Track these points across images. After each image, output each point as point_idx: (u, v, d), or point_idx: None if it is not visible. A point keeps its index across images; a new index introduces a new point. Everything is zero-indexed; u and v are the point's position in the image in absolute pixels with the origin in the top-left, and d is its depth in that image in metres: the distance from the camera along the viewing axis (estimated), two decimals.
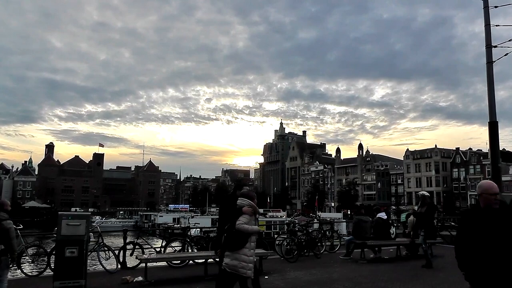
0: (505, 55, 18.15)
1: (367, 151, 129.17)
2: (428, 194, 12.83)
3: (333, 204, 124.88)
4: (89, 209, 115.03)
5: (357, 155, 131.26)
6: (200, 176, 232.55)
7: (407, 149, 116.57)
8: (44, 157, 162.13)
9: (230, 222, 7.03)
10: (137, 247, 12.81)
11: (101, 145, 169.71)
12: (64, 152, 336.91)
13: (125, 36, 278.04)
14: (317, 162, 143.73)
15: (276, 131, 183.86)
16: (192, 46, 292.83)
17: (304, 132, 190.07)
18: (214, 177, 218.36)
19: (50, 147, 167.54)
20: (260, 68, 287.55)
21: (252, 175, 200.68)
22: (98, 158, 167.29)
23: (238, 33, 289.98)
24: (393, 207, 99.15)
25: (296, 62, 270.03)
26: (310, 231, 16.03)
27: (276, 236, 18.37)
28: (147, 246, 13.98)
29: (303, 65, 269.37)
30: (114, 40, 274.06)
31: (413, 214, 13.46)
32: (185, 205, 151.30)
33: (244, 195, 7.25)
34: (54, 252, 9.57)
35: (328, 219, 52.48)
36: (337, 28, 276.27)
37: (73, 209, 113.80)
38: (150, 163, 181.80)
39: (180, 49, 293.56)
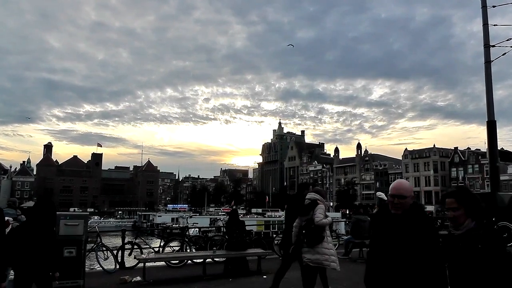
0: (503, 54, 18.18)
1: (366, 151, 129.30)
2: (383, 196, 11.75)
3: (331, 204, 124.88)
4: (88, 209, 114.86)
5: (356, 155, 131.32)
6: (198, 176, 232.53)
7: (406, 149, 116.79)
8: (42, 157, 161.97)
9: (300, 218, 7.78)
10: (135, 247, 12.81)
11: (99, 145, 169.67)
12: (62, 152, 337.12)
13: (123, 36, 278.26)
14: (316, 161, 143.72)
15: (274, 130, 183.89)
16: (190, 46, 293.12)
17: (303, 131, 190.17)
18: (213, 177, 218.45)
19: (48, 147, 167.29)
20: (258, 68, 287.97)
21: (250, 175, 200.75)
22: (97, 158, 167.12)
23: (236, 33, 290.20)
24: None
25: (295, 62, 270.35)
26: None
27: (274, 235, 18.38)
28: (145, 246, 13.99)
29: (302, 64, 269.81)
30: (112, 40, 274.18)
31: (369, 216, 13.09)
32: (184, 205, 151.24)
33: (317, 191, 7.86)
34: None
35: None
36: (335, 28, 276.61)
37: (71, 209, 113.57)
38: (149, 163, 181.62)
39: (178, 49, 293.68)
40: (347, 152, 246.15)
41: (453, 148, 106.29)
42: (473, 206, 3.26)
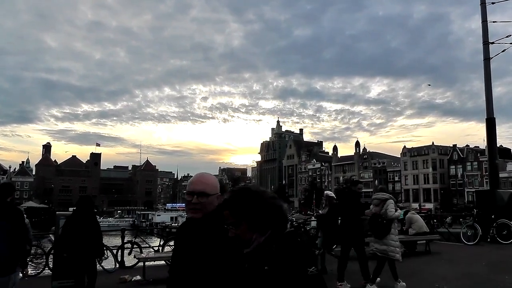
0: (502, 51, 18.23)
1: (364, 149, 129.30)
2: (333, 194, 11.38)
3: None
4: None
5: (354, 153, 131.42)
6: None
7: (404, 146, 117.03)
8: (41, 157, 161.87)
9: (359, 214, 8.93)
10: (135, 246, 12.81)
11: (98, 145, 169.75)
12: (61, 152, 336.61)
13: (120, 35, 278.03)
14: (314, 160, 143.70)
15: (273, 129, 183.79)
16: (187, 45, 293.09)
17: (301, 130, 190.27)
18: None
19: (47, 147, 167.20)
20: (255, 67, 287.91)
21: (249, 174, 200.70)
22: (95, 157, 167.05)
23: (233, 32, 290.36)
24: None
25: (292, 60, 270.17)
26: (308, 229, 16.03)
27: None
28: (145, 245, 13.99)
29: (299, 63, 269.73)
30: (109, 40, 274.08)
31: (315, 217, 12.82)
32: (183, 204, 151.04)
33: (383, 190, 8.91)
34: (52, 252, 9.57)
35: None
36: (332, 26, 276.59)
37: (70, 209, 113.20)
38: (147, 162, 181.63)
39: (175, 48, 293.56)
40: (346, 150, 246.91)
41: (452, 146, 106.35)
42: (256, 216, 2.24)
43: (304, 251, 2.28)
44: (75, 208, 7.59)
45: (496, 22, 18.98)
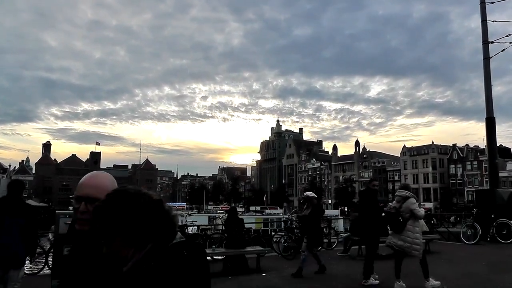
0: (502, 50, 18.23)
1: (364, 148, 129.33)
2: (314, 194, 11.23)
3: (330, 201, 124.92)
4: None
5: (354, 152, 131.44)
6: (197, 174, 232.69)
7: (404, 146, 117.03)
8: (41, 156, 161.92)
9: (377, 211, 9.34)
10: None
11: (98, 144, 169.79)
12: (60, 151, 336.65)
13: (120, 34, 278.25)
14: (314, 159, 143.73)
15: (272, 128, 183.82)
16: (187, 44, 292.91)
17: (301, 129, 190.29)
18: (211, 175, 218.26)
19: (47, 146, 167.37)
20: (255, 66, 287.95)
21: (249, 173, 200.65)
22: (95, 156, 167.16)
23: (233, 31, 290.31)
24: (390, 204, 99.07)
25: (292, 59, 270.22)
26: None
27: (273, 233, 18.39)
28: None
29: (299, 62, 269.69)
30: (109, 39, 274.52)
31: (297, 218, 12.66)
32: (182, 203, 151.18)
33: (405, 187, 9.00)
34: (51, 251, 9.56)
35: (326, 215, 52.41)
36: (332, 25, 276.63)
37: (70, 207, 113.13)
38: (147, 161, 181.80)
39: (175, 47, 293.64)
40: (345, 149, 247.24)
41: (452, 145, 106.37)
42: (131, 227, 1.75)
43: (191, 267, 1.77)
44: None
45: (495, 21, 18.99)
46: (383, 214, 9.48)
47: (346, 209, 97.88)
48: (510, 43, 17.77)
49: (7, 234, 5.64)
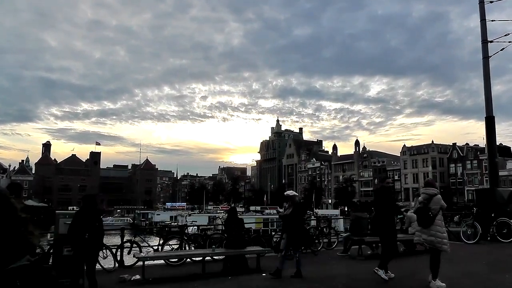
0: (501, 49, 18.22)
1: (364, 148, 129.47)
2: (295, 193, 11.00)
3: (330, 201, 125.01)
4: None
5: (354, 152, 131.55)
6: (197, 174, 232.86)
7: (404, 145, 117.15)
8: (41, 156, 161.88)
9: (393, 208, 9.65)
10: (134, 245, 12.79)
11: (98, 144, 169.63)
12: (60, 151, 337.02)
13: (120, 34, 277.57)
14: (314, 159, 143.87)
15: (272, 128, 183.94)
16: (187, 44, 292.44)
17: (301, 129, 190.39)
18: (211, 175, 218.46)
19: (47, 146, 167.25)
20: (255, 66, 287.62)
21: (249, 173, 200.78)
22: (95, 156, 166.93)
23: (233, 31, 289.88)
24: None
25: (291, 59, 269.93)
26: (308, 228, 16.04)
27: (273, 233, 18.38)
28: (144, 245, 13.98)
29: (298, 62, 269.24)
30: (109, 38, 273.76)
31: (279, 217, 12.38)
32: (182, 203, 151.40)
33: (429, 184, 9.13)
34: (51, 251, 9.56)
35: (326, 215, 52.49)
36: (332, 25, 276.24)
37: (70, 207, 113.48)
38: (147, 161, 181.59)
39: (175, 47, 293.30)
40: (345, 149, 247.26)
41: (452, 144, 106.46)
42: None
43: None
44: (81, 206, 8.02)
45: (494, 20, 18.96)
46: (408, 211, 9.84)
47: (346, 209, 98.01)
48: (509, 42, 17.76)
49: None
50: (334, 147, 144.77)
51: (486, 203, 17.45)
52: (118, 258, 11.98)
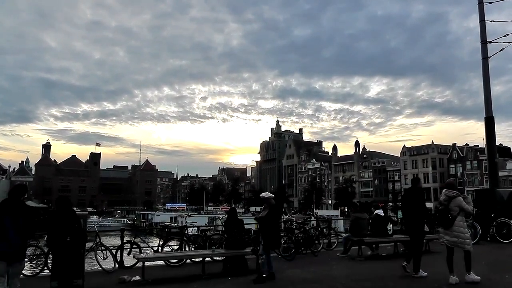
0: (500, 50, 18.22)
1: (364, 148, 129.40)
2: (271, 195, 10.67)
3: (330, 202, 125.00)
4: (86, 209, 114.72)
5: (354, 152, 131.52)
6: (196, 174, 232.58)
7: (404, 146, 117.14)
8: (41, 157, 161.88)
9: (421, 210, 9.83)
10: (134, 246, 12.79)
11: (98, 144, 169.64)
12: (60, 151, 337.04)
13: (120, 35, 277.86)
14: (314, 159, 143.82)
15: (272, 129, 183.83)
16: (186, 45, 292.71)
17: (301, 130, 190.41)
18: (211, 176, 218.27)
19: (47, 147, 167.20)
20: (255, 66, 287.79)
21: (249, 174, 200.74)
22: (95, 157, 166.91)
23: (233, 31, 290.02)
24: (390, 204, 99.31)
25: (291, 60, 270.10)
26: (307, 228, 16.04)
27: None
28: (144, 245, 13.97)
29: (298, 62, 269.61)
30: (109, 39, 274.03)
31: (255, 219, 12.31)
32: (182, 204, 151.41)
33: (450, 185, 9.26)
34: (51, 252, 9.56)
35: (326, 216, 52.52)
36: (331, 25, 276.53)
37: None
38: (147, 162, 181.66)
39: (174, 47, 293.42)
40: (345, 149, 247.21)
41: (451, 145, 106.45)
42: None
43: None
44: (55, 209, 8.17)
45: (493, 21, 18.98)
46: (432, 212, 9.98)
47: (346, 210, 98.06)
48: (509, 42, 17.78)
49: (9, 232, 6.57)
50: (334, 148, 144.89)
51: (486, 204, 17.45)
52: (118, 259, 11.97)
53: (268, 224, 10.09)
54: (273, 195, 10.76)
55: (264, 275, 9.65)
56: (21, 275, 10.44)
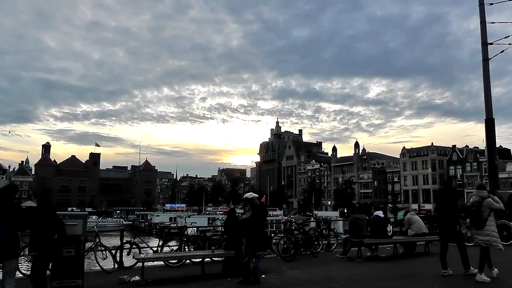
0: (501, 52, 18.23)
1: (363, 149, 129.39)
2: (255, 195, 10.48)
3: (329, 203, 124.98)
4: (86, 209, 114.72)
5: (353, 154, 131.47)
6: (196, 175, 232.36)
7: (404, 147, 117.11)
8: (40, 157, 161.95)
9: (455, 210, 10.15)
10: (134, 246, 12.79)
11: (97, 145, 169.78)
12: (60, 152, 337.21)
13: (119, 36, 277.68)
14: (314, 160, 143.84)
15: (272, 130, 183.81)
16: (186, 45, 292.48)
17: (300, 130, 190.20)
18: (210, 176, 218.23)
19: (46, 147, 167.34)
20: (254, 67, 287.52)
21: (248, 174, 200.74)
22: (95, 157, 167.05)
23: (232, 32, 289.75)
24: (390, 205, 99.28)
25: (291, 61, 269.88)
26: (307, 229, 16.04)
27: (273, 235, 18.37)
28: (144, 246, 13.98)
29: (298, 63, 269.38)
30: (108, 40, 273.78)
31: (238, 221, 11.90)
32: (182, 205, 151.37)
33: (481, 187, 9.92)
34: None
35: (325, 217, 52.49)
36: (331, 26, 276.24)
37: (69, 209, 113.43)
38: (147, 162, 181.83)
39: (174, 48, 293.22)
40: (345, 150, 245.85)
41: (451, 146, 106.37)
42: None
43: None
44: (37, 207, 7.96)
45: (494, 23, 19.00)
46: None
47: (345, 211, 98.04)
48: (509, 44, 17.78)
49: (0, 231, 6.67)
50: (334, 149, 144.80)
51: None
52: (118, 259, 11.97)
53: (252, 226, 9.85)
54: (257, 195, 10.65)
55: (251, 277, 9.49)
56: (21, 275, 10.48)
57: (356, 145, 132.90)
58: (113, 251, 12.02)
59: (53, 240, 7.53)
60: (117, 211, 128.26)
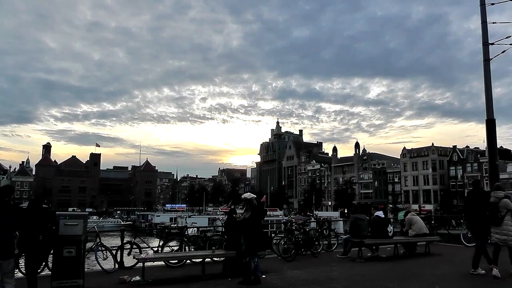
0: (502, 52, 18.16)
1: (364, 150, 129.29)
2: (253, 195, 10.43)
3: (330, 203, 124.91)
4: (86, 209, 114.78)
5: (354, 154, 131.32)
6: (196, 175, 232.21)
7: (404, 147, 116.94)
8: (41, 157, 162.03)
9: (486, 210, 9.89)
10: (134, 246, 12.79)
11: (98, 145, 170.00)
12: (60, 152, 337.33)
13: (119, 36, 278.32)
14: (314, 161, 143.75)
15: (272, 130, 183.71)
16: (186, 46, 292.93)
17: (301, 131, 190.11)
18: (211, 177, 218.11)
19: (47, 148, 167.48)
20: (254, 67, 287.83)
21: (248, 175, 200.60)
22: (95, 158, 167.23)
23: (232, 32, 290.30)
24: (390, 206, 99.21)
25: (291, 61, 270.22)
26: (307, 230, 16.03)
27: (273, 235, 18.38)
28: (144, 246, 13.98)
29: (298, 63, 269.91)
30: (108, 40, 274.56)
31: (237, 222, 11.84)
32: (182, 205, 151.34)
33: (498, 188, 10.09)
34: (51, 252, 9.56)
35: (326, 217, 52.45)
36: (331, 26, 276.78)
37: (70, 209, 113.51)
38: (147, 163, 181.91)
39: (174, 48, 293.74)
40: (345, 151, 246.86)
41: (452, 147, 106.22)
42: None
43: None
44: (27, 208, 8.00)
45: (495, 23, 18.95)
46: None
47: (346, 211, 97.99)
48: (511, 44, 17.75)
49: None
50: (334, 149, 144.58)
51: None
52: (118, 259, 11.97)
53: (251, 227, 9.88)
54: (255, 196, 10.65)
55: (252, 277, 9.52)
56: (21, 274, 10.47)
57: (357, 145, 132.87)
58: (114, 251, 12.02)
59: (38, 241, 7.62)
60: (118, 211, 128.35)
